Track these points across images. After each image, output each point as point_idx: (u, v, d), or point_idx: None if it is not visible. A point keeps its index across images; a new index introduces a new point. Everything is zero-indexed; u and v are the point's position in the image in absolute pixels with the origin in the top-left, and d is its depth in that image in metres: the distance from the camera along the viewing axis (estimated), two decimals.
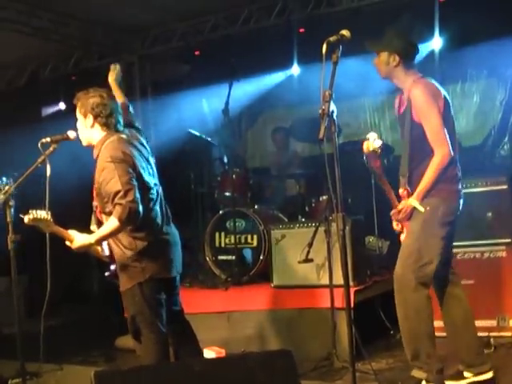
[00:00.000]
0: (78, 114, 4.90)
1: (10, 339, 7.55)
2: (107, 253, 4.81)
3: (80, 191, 5.46)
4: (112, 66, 5.57)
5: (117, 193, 4.53)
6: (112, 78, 5.52)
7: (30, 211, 4.48)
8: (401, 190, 5.05)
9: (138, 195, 4.57)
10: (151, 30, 9.75)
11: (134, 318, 4.82)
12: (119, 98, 5.29)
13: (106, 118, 4.84)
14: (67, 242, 4.70)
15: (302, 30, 9.09)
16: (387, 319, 6.82)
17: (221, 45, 9.42)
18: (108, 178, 4.60)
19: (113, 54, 10.03)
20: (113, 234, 4.69)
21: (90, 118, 4.83)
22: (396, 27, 5.21)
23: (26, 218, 4.47)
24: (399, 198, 5.06)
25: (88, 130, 4.89)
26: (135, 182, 4.63)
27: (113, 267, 4.87)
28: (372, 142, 4.88)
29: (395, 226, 5.15)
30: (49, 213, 4.55)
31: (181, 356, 5.06)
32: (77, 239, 4.67)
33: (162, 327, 4.86)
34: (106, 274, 4.88)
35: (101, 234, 4.69)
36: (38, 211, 4.50)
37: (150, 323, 4.82)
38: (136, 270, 4.77)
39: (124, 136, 4.90)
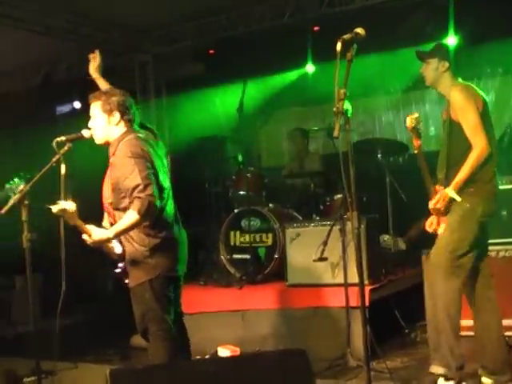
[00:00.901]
0: (100, 112, 4.93)
1: (25, 337, 7.61)
2: (118, 250, 4.82)
3: (90, 189, 5.47)
4: (91, 55, 5.52)
5: (136, 187, 4.60)
6: (93, 68, 5.52)
7: (58, 201, 4.52)
8: (437, 186, 5.11)
9: (156, 190, 4.63)
10: (165, 29, 9.74)
11: (144, 315, 4.85)
12: (104, 87, 5.34)
13: (130, 116, 4.94)
14: (85, 236, 4.73)
15: (316, 29, 9.08)
16: (402, 318, 6.81)
17: (235, 43, 9.41)
18: (127, 172, 4.66)
19: (127, 54, 10.06)
20: (131, 228, 4.71)
21: (117, 115, 4.90)
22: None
23: (55, 208, 4.50)
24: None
25: (110, 128, 4.93)
26: (154, 178, 4.68)
27: (121, 265, 4.88)
28: (414, 118, 5.05)
29: (428, 227, 5.18)
30: (74, 205, 4.59)
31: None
32: (95, 233, 4.69)
33: (172, 324, 4.89)
34: (116, 270, 4.89)
35: (119, 228, 4.70)
36: (66, 202, 4.53)
37: (160, 320, 4.84)
38: (147, 267, 4.80)
39: (141, 135, 4.94)
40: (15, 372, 6.47)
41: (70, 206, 4.56)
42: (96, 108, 4.95)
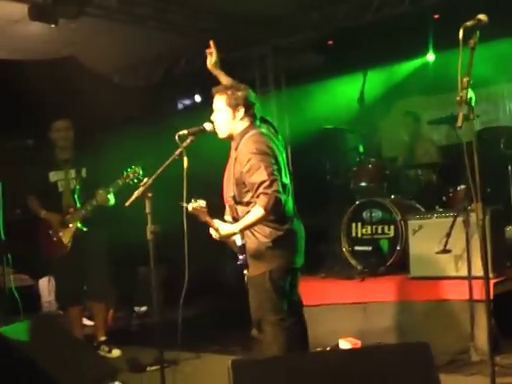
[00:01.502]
0: (225, 106, 4.99)
1: (148, 327, 7.79)
2: (239, 242, 4.88)
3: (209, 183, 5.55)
4: (208, 51, 5.50)
5: (262, 182, 4.68)
6: (211, 63, 5.49)
7: (192, 200, 4.63)
8: None
9: (280, 186, 4.71)
10: (284, 20, 9.76)
11: (262, 304, 4.93)
12: (225, 81, 5.36)
13: (254, 111, 5.03)
14: (212, 231, 4.85)
15: (436, 16, 8.90)
16: None
17: (354, 33, 9.34)
18: (253, 168, 4.74)
19: (246, 46, 10.14)
20: (257, 223, 4.80)
21: (242, 110, 4.97)
22: None
23: (190, 206, 4.62)
24: None
25: (234, 122, 5.01)
26: (278, 174, 4.76)
27: (242, 257, 4.93)
28: None
29: None
30: (205, 202, 4.69)
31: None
32: (222, 228, 4.79)
33: (287, 315, 4.94)
34: (238, 263, 4.95)
35: (245, 223, 4.79)
36: (199, 200, 4.64)
37: (276, 310, 4.92)
38: (269, 258, 4.88)
39: (264, 130, 4.99)
40: (139, 361, 6.63)
41: (201, 203, 4.67)
42: (221, 102, 5.01)
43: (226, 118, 5.01)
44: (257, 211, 4.71)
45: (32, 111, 7.41)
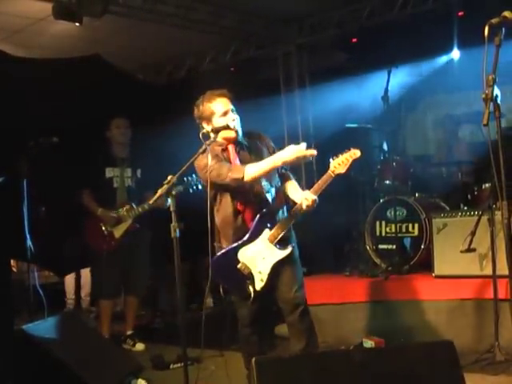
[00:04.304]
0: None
1: (172, 325, 7.82)
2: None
3: None
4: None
5: None
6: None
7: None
8: None
9: None
10: (308, 18, 9.76)
11: (303, 286, 5.28)
12: None
13: None
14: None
15: (461, 14, 8.85)
16: None
17: (378, 31, 9.31)
18: None
19: (270, 44, 10.13)
20: None
21: None
22: None
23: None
24: None
25: None
26: None
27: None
28: None
29: None
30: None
31: None
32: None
33: None
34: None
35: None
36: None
37: None
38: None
39: None
40: (163, 358, 6.66)
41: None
42: (231, 103, 5.19)
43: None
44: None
45: (57, 110, 7.43)
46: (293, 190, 5.26)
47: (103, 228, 7.33)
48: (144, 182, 7.44)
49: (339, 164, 5.01)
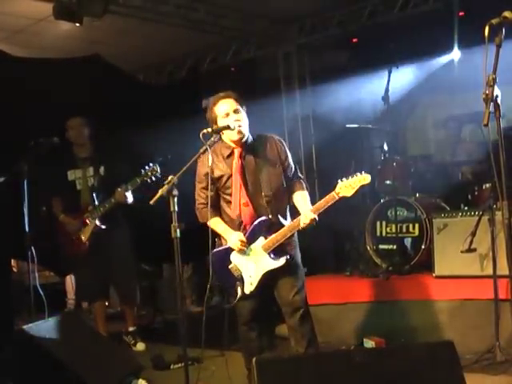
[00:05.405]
0: (241, 108, 5.14)
1: (172, 325, 7.82)
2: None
3: None
4: None
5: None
6: None
7: None
8: None
9: None
10: (308, 18, 9.76)
11: (304, 290, 5.30)
12: None
13: None
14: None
15: (461, 14, 8.85)
16: None
17: (378, 31, 9.31)
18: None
19: (271, 44, 10.13)
20: None
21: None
22: None
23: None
24: None
25: None
26: None
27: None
28: None
29: None
30: None
31: None
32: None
33: None
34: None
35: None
36: None
37: None
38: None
39: None
40: (163, 358, 6.65)
41: None
42: (236, 104, 5.15)
43: (246, 119, 5.15)
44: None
45: (56, 110, 7.41)
46: (301, 202, 5.22)
47: (70, 233, 7.29)
48: (109, 179, 7.27)
49: (346, 186, 4.89)
